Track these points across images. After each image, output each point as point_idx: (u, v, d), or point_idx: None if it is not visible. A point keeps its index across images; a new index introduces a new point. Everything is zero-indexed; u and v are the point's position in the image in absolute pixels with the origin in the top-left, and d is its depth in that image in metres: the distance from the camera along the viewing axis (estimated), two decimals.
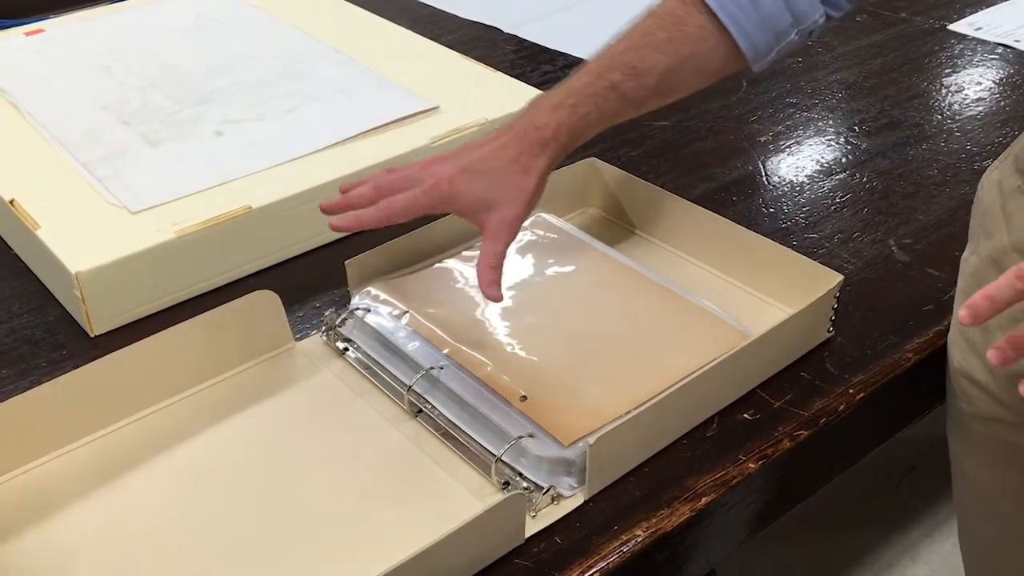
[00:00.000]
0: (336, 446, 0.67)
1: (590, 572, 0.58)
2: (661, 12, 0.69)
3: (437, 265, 0.80)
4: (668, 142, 1.02)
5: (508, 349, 0.71)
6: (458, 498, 0.63)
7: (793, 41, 0.69)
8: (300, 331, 0.77)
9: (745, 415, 0.69)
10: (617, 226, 0.89)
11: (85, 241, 0.78)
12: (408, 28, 1.17)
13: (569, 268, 0.80)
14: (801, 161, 0.99)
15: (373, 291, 0.77)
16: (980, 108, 1.07)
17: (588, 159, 0.90)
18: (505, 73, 1.05)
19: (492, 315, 0.75)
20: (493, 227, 0.69)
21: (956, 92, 1.11)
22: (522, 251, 0.82)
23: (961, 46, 1.23)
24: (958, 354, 0.71)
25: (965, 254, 0.72)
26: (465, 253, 0.82)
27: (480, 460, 0.65)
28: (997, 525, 0.75)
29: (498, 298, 0.69)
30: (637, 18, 0.71)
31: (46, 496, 0.65)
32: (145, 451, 0.67)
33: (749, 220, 0.89)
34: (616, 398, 0.66)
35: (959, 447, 0.76)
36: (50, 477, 0.66)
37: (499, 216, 0.69)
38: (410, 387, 0.69)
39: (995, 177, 0.71)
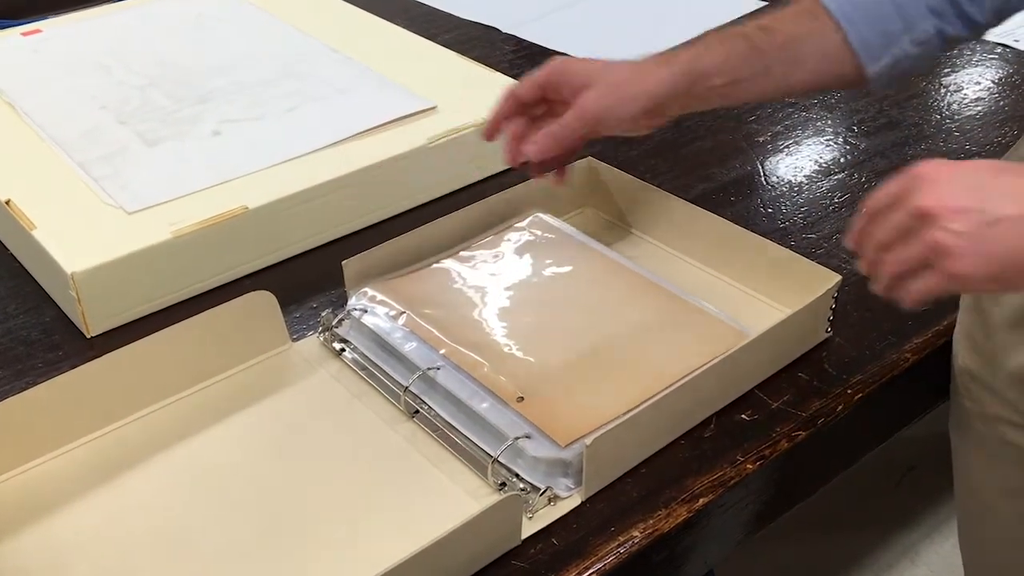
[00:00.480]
0: (333, 447, 0.67)
1: (587, 573, 0.58)
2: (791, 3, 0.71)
3: (435, 265, 0.80)
4: (666, 142, 1.02)
5: (505, 350, 0.71)
6: (455, 499, 0.63)
7: (909, 53, 0.68)
8: (297, 332, 0.77)
9: (743, 416, 0.69)
10: (615, 226, 0.89)
11: (81, 241, 0.78)
12: (406, 28, 1.17)
13: (567, 268, 0.80)
14: (800, 161, 0.99)
15: (370, 292, 0.77)
16: (979, 108, 1.07)
17: (586, 159, 0.90)
18: (503, 73, 1.05)
19: (489, 315, 0.75)
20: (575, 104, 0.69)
21: (955, 92, 1.11)
22: (520, 251, 0.82)
23: (960, 45, 1.23)
24: (961, 352, 0.71)
25: None
26: (463, 253, 0.81)
27: (477, 461, 0.65)
28: (997, 524, 0.75)
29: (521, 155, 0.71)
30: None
31: (43, 496, 0.64)
32: (142, 451, 0.67)
33: (747, 220, 0.88)
34: (614, 398, 0.66)
35: (961, 445, 0.76)
36: (47, 478, 0.66)
37: (584, 96, 0.69)
38: (407, 388, 0.69)
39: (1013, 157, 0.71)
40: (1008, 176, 0.50)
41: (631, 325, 0.73)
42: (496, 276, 0.79)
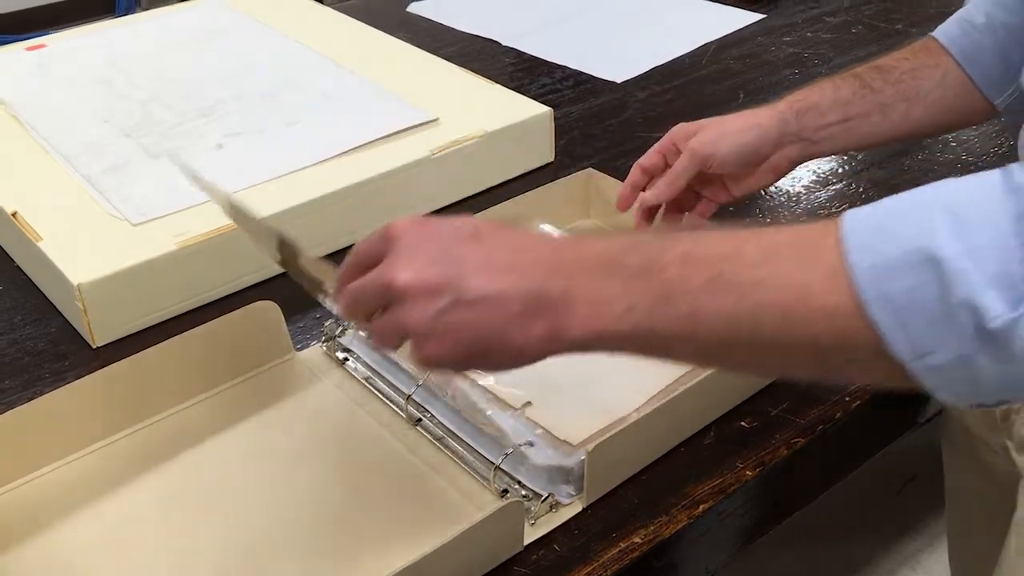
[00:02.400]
0: (336, 455, 0.68)
1: None
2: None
3: None
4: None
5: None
6: (457, 506, 0.63)
7: None
8: (300, 341, 0.78)
9: (743, 423, 0.69)
10: None
11: (87, 253, 0.79)
12: (407, 41, 1.18)
13: None
14: (797, 171, 0.99)
15: None
16: None
17: (586, 170, 0.91)
18: (504, 85, 1.06)
19: None
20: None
21: None
22: None
23: None
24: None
25: None
26: None
27: (479, 468, 0.65)
28: (981, 539, 0.75)
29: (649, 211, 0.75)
30: None
31: (48, 506, 0.65)
32: (147, 461, 0.68)
33: None
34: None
35: (949, 458, 0.76)
36: (52, 487, 0.66)
37: (693, 139, 0.73)
38: (409, 396, 0.69)
39: None
40: (481, 245, 0.46)
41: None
42: None
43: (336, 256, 0.88)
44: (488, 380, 0.69)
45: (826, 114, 0.72)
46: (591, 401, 0.68)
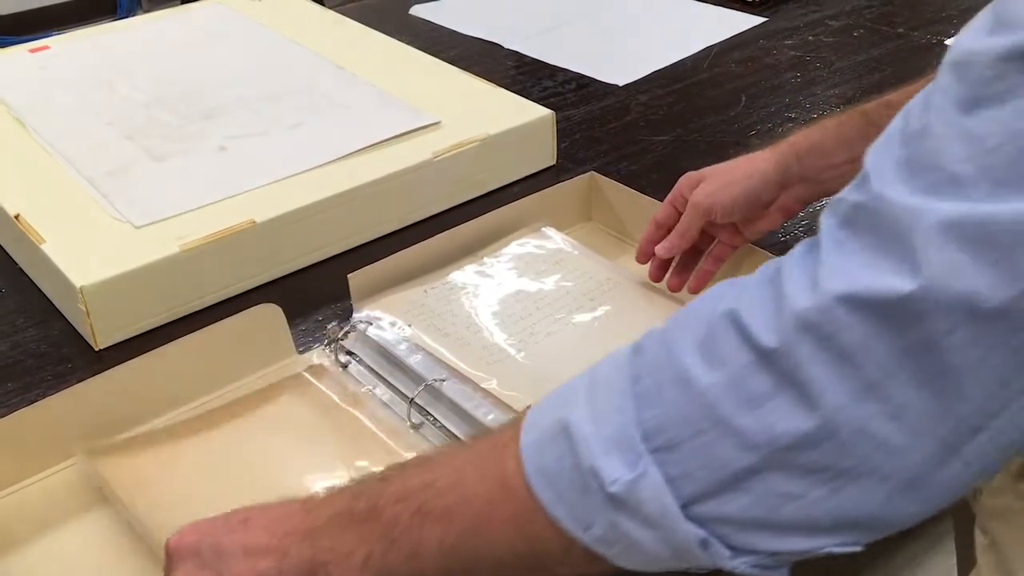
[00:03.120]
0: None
1: None
2: None
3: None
4: (667, 156, 1.03)
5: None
6: None
7: None
8: (303, 344, 0.78)
9: None
10: (617, 239, 0.90)
11: (90, 255, 0.79)
12: (409, 44, 1.18)
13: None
14: None
15: (376, 304, 0.78)
16: None
17: (588, 173, 0.91)
18: (506, 89, 1.06)
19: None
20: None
21: None
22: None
23: None
24: None
25: None
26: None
27: None
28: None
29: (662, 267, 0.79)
30: None
31: (50, 509, 0.65)
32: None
33: None
34: None
35: None
36: (55, 490, 0.66)
37: (696, 191, 0.75)
38: (412, 399, 0.69)
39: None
40: (246, 531, 0.49)
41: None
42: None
43: (338, 259, 0.88)
44: (491, 383, 0.69)
45: (830, 155, 0.71)
46: None
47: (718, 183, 0.75)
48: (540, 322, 0.76)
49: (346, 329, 0.76)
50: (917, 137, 0.39)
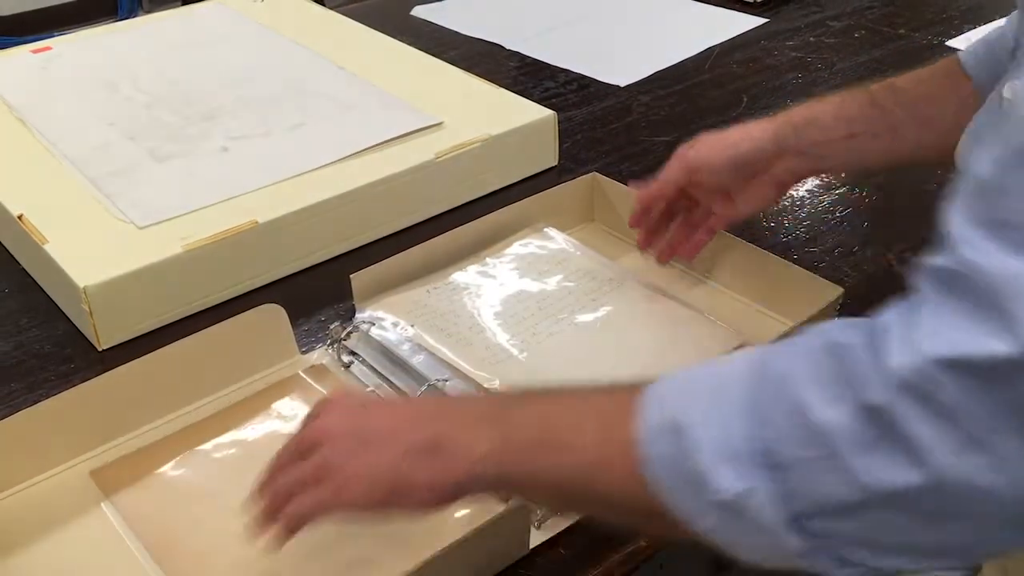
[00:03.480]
0: None
1: None
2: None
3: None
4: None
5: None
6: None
7: None
8: (306, 344, 0.78)
9: None
10: (619, 240, 0.90)
11: (93, 256, 0.79)
12: (411, 45, 1.18)
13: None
14: None
15: (379, 304, 0.78)
16: None
17: (590, 174, 0.91)
18: (508, 89, 1.06)
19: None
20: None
21: None
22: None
23: None
24: None
25: None
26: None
27: None
28: None
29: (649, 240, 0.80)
30: None
31: (55, 509, 0.65)
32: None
33: (750, 234, 0.89)
34: None
35: None
36: (58, 490, 0.67)
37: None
38: None
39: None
40: (382, 403, 0.59)
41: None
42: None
43: (340, 259, 0.89)
44: (494, 383, 0.69)
45: (828, 129, 0.71)
46: None
47: (708, 145, 0.74)
48: (542, 322, 0.76)
49: (349, 329, 0.76)
50: (994, 194, 0.40)
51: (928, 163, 0.73)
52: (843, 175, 1.00)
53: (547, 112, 1.00)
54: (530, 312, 0.77)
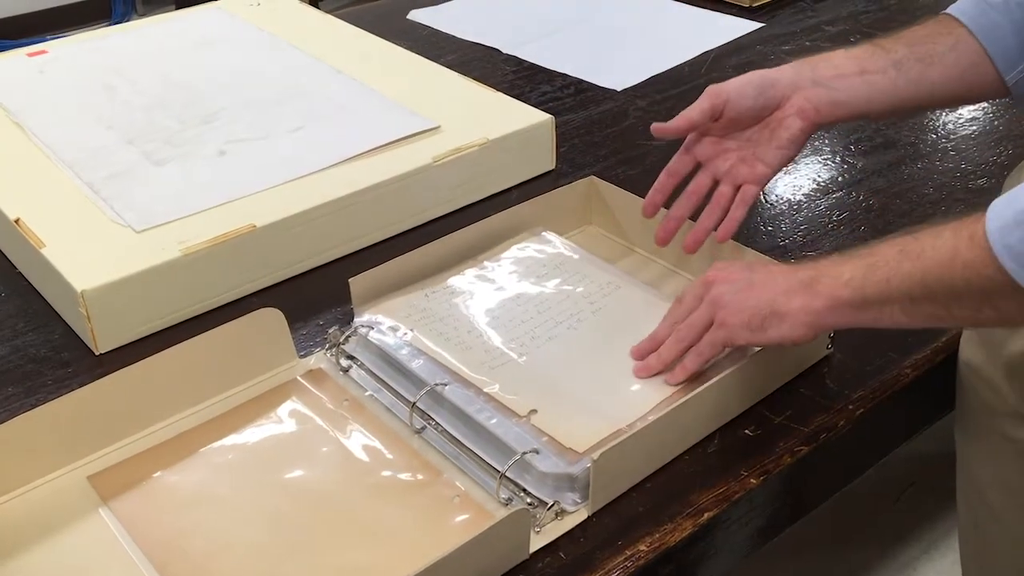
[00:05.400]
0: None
1: None
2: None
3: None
4: (666, 161, 1.02)
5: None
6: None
7: None
8: (304, 348, 0.78)
9: (746, 431, 0.69)
10: (617, 244, 0.90)
11: (90, 259, 0.79)
12: (409, 49, 1.18)
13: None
14: (798, 180, 1.01)
15: (377, 309, 0.78)
16: (974, 128, 1.09)
17: (588, 178, 0.91)
18: (505, 93, 1.06)
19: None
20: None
21: (950, 111, 1.12)
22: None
23: None
24: (965, 345, 0.73)
25: None
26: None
27: (484, 476, 0.65)
28: (1000, 526, 0.75)
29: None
30: None
31: (53, 513, 0.65)
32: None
33: (747, 238, 0.89)
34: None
35: (964, 443, 0.77)
36: (56, 495, 0.66)
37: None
38: (414, 404, 0.69)
39: (1016, 180, 0.72)
40: (759, 264, 0.70)
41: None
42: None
43: (338, 263, 0.88)
44: (493, 388, 0.69)
45: (840, 66, 0.76)
46: (596, 409, 0.68)
47: (737, 79, 0.76)
48: (541, 326, 0.76)
49: (347, 333, 0.76)
50: None
51: (929, 105, 0.77)
52: (840, 181, 1.00)
53: (544, 116, 1.00)
54: (529, 315, 0.77)
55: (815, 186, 0.99)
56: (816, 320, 0.63)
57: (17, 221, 0.84)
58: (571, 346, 0.74)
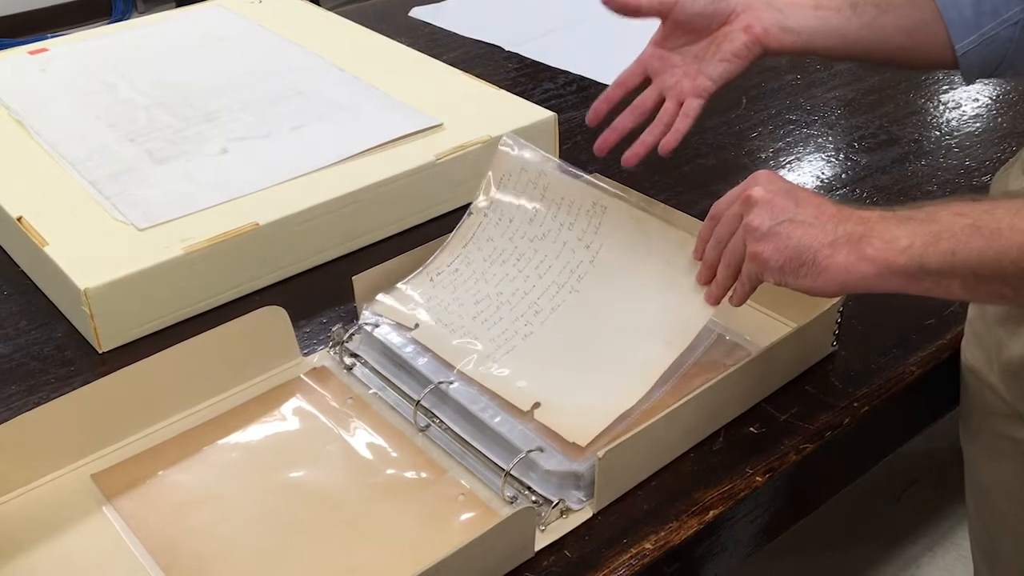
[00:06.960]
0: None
1: None
2: None
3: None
4: (669, 158, 1.03)
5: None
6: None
7: (1000, 35, 0.69)
8: (307, 346, 0.78)
9: (751, 429, 0.69)
10: None
11: (93, 258, 0.79)
12: (411, 47, 1.18)
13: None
14: (802, 177, 1.00)
15: (382, 306, 0.77)
16: (977, 124, 1.09)
17: (591, 175, 0.90)
18: (507, 90, 1.06)
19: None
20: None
21: (954, 108, 1.12)
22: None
23: None
24: (966, 347, 0.73)
25: None
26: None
27: (489, 474, 0.65)
28: (1005, 526, 0.75)
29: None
30: None
31: (55, 512, 0.65)
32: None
33: None
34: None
35: (968, 444, 0.77)
36: (59, 494, 0.66)
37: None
38: (418, 402, 0.69)
39: (1003, 180, 0.72)
40: (815, 197, 0.62)
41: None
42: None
43: (341, 261, 0.88)
44: (503, 372, 0.69)
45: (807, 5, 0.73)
46: (599, 393, 0.67)
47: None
48: (544, 294, 0.74)
49: (351, 331, 0.76)
50: None
51: (878, 55, 0.74)
52: (843, 178, 1.00)
53: (547, 113, 1.00)
54: (531, 285, 0.75)
55: (818, 183, 0.99)
56: (858, 282, 0.58)
57: (20, 220, 0.84)
58: (575, 315, 0.73)
